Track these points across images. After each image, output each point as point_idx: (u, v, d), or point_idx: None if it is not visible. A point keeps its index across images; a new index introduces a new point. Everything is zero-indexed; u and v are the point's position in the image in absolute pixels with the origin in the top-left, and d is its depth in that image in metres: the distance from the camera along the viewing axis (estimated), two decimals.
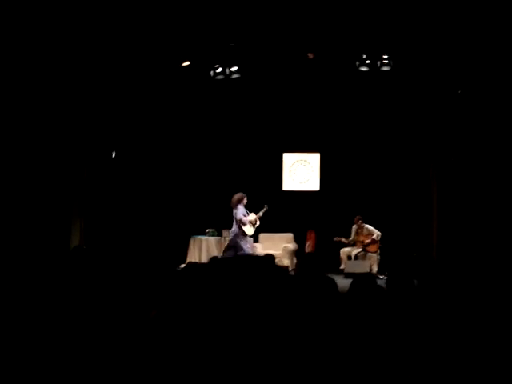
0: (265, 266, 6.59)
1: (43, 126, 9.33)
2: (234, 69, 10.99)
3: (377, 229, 10.98)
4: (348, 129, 12.09)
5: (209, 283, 5.17)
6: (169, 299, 4.58)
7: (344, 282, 6.57)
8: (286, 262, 11.04)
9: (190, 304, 4.06)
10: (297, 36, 9.88)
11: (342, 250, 11.15)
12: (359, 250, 10.97)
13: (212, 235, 11.81)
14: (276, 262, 10.37)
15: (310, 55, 10.46)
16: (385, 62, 10.40)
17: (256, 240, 11.83)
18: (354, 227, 11.15)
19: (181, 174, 12.23)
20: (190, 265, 7.71)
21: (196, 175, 12.41)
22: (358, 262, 10.53)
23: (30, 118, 9.08)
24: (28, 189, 9.00)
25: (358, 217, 11.12)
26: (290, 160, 12.68)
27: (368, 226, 11.04)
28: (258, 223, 10.62)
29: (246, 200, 10.40)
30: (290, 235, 11.95)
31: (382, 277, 9.90)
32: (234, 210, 10.36)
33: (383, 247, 10.90)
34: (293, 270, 11.13)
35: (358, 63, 10.57)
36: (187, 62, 10.88)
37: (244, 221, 10.25)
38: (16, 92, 8.75)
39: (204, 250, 11.47)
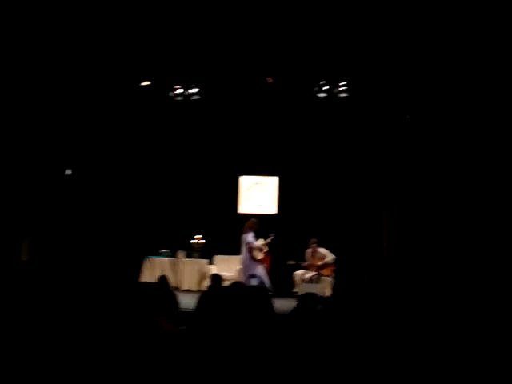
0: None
1: None
2: (193, 90, 11.05)
3: (332, 252, 11.05)
4: (306, 153, 12.25)
5: (157, 302, 5.13)
6: (118, 317, 4.52)
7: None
8: None
9: (137, 322, 4.04)
10: (257, 60, 10.04)
11: (295, 273, 11.16)
12: (313, 273, 11.00)
13: (166, 256, 11.71)
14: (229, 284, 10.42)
15: (269, 79, 10.62)
16: (342, 88, 10.63)
17: (211, 262, 11.80)
18: (309, 250, 11.20)
19: (136, 194, 12.12)
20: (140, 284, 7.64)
21: (151, 196, 12.31)
22: (312, 285, 10.52)
23: None
24: None
25: (312, 240, 11.17)
26: (246, 183, 12.73)
27: (322, 250, 11.10)
28: (267, 249, 10.95)
29: (257, 226, 10.84)
30: None
31: None
32: (244, 235, 10.73)
33: (337, 270, 10.97)
34: None
35: (316, 89, 10.78)
36: (147, 82, 10.91)
37: (254, 246, 10.66)
38: None
39: (158, 271, 11.34)
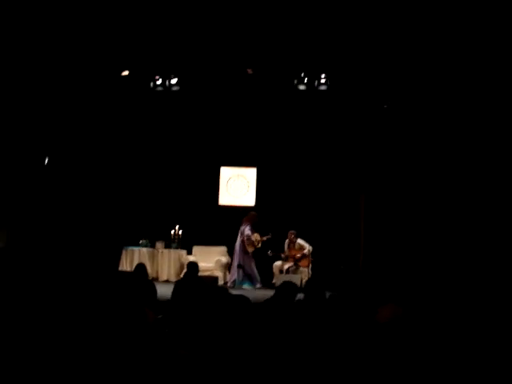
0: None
1: None
2: (173, 81, 11.03)
3: (309, 243, 11.16)
4: (284, 145, 12.32)
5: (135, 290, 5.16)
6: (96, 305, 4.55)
7: None
8: (218, 274, 11.14)
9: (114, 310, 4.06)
10: (237, 51, 10.04)
11: (274, 264, 11.28)
12: (291, 264, 11.11)
13: (145, 246, 11.72)
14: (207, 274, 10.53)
15: (249, 71, 10.63)
16: (322, 81, 10.69)
17: (190, 252, 11.84)
18: (287, 241, 11.30)
19: (115, 184, 12.07)
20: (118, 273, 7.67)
21: (131, 186, 12.28)
22: (290, 275, 10.64)
23: None
24: None
25: (290, 232, 11.28)
26: (226, 174, 12.77)
27: (300, 241, 11.21)
28: (259, 246, 11.17)
29: (257, 220, 11.27)
30: (223, 248, 11.98)
31: None
32: (243, 227, 11.09)
33: (315, 261, 11.07)
34: (225, 283, 11.25)
35: (296, 81, 10.82)
36: (126, 72, 10.86)
37: (250, 238, 10.99)
38: None
39: (136, 261, 11.33)
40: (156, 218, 12.17)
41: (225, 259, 11.69)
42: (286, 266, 11.13)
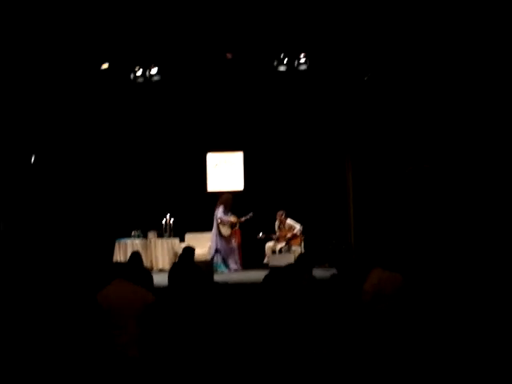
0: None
1: None
2: (154, 71, 11.02)
3: (299, 222, 11.26)
4: (269, 126, 12.40)
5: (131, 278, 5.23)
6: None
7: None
8: None
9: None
10: (215, 36, 10.05)
11: (266, 245, 11.38)
12: (283, 244, 11.21)
13: (137, 237, 11.75)
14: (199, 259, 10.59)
15: (229, 55, 10.65)
16: (302, 61, 10.73)
17: (182, 239, 11.90)
18: (277, 223, 11.40)
19: (104, 176, 12.09)
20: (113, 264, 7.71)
21: (120, 177, 12.32)
22: (282, 255, 10.75)
23: None
24: None
25: (279, 212, 11.38)
26: (213, 160, 12.83)
27: (289, 221, 11.30)
28: (237, 227, 11.20)
29: (230, 202, 11.21)
30: None
31: None
32: (216, 210, 11.07)
33: (307, 239, 11.19)
34: None
35: (276, 63, 10.86)
36: (106, 65, 10.84)
37: (223, 220, 10.98)
38: None
39: (129, 253, 11.37)
40: (146, 209, 12.22)
41: None
42: (278, 246, 11.23)
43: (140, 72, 11.00)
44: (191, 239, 11.93)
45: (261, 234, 11.28)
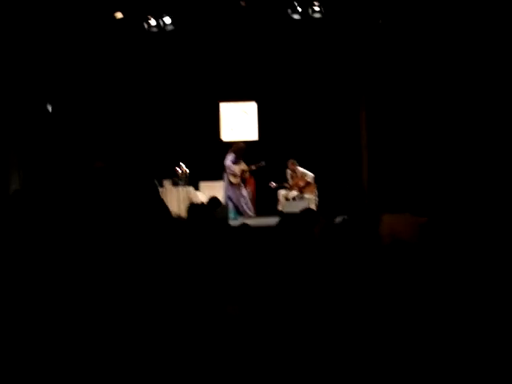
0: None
1: None
2: (167, 21, 11.02)
3: (313, 172, 11.36)
4: (282, 76, 12.39)
5: None
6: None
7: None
8: None
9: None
10: None
11: (279, 192, 11.50)
12: (296, 192, 11.32)
13: None
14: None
15: (243, 3, 10.62)
16: (316, 9, 10.69)
17: (197, 188, 12.06)
18: (288, 171, 11.48)
19: (117, 125, 12.19)
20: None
21: (135, 126, 12.43)
22: (296, 202, 10.85)
23: None
24: None
25: (290, 161, 11.41)
26: (227, 110, 12.90)
27: (301, 169, 11.38)
28: (247, 175, 11.37)
29: (242, 151, 11.27)
30: None
31: None
32: (226, 158, 11.19)
33: (320, 188, 11.31)
34: None
35: (289, 11, 10.82)
36: (120, 14, 10.84)
37: (230, 168, 11.09)
38: None
39: None
40: (161, 157, 12.36)
41: None
42: (292, 194, 11.34)
43: (154, 22, 11.00)
44: (205, 188, 12.09)
45: (273, 183, 11.40)
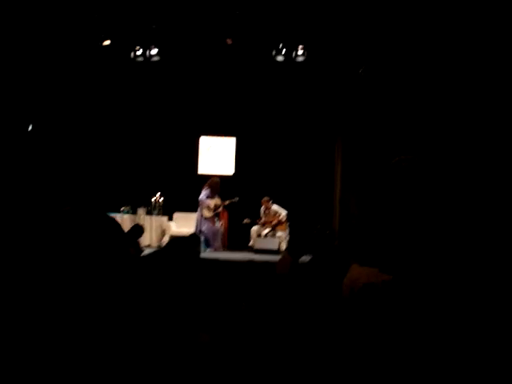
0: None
1: None
2: (154, 51, 11.23)
3: (286, 209, 11.54)
4: (263, 114, 12.69)
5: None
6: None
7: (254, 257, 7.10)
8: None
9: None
10: (216, 21, 10.26)
11: (252, 229, 11.63)
12: (268, 229, 11.47)
13: (127, 213, 11.96)
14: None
15: (229, 41, 10.87)
16: (300, 52, 10.99)
17: (170, 218, 12.14)
18: (262, 208, 11.64)
19: (96, 151, 12.29)
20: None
21: (112, 153, 12.53)
22: (268, 238, 11.01)
23: None
24: None
25: (265, 198, 11.58)
26: (206, 143, 13.09)
27: (275, 207, 11.54)
28: (220, 210, 11.32)
29: (217, 186, 11.26)
30: None
31: None
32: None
33: (292, 225, 11.46)
34: None
35: (274, 52, 11.10)
36: (108, 41, 11.02)
37: (204, 202, 11.10)
38: None
39: None
40: (137, 186, 12.45)
41: None
42: (264, 231, 11.48)
43: (140, 52, 11.20)
44: (179, 218, 12.19)
45: (246, 219, 11.53)
